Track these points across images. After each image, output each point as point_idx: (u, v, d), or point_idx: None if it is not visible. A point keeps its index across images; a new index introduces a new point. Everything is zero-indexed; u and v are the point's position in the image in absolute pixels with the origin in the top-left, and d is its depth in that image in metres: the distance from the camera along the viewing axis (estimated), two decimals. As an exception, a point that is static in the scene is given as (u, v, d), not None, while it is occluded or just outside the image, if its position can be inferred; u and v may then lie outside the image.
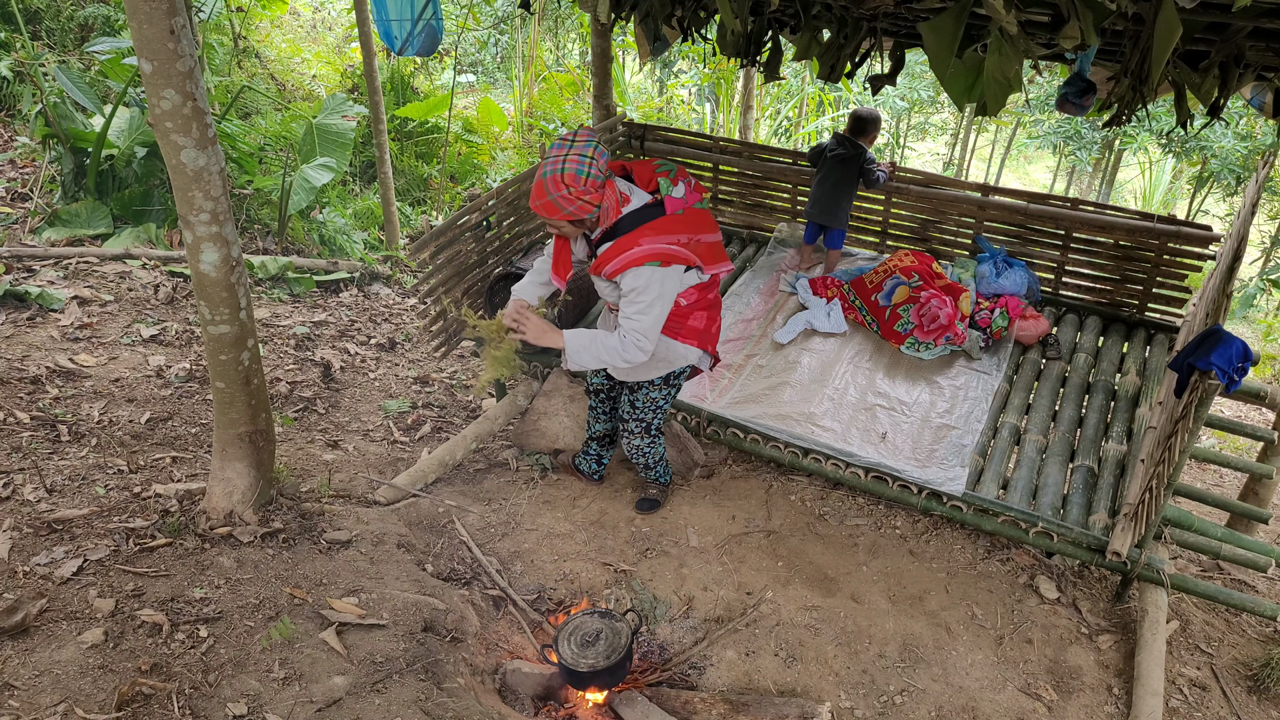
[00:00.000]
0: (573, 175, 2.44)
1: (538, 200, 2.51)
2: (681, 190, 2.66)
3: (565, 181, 2.44)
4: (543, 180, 2.47)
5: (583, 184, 2.44)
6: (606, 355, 2.69)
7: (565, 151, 2.47)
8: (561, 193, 2.45)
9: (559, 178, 2.44)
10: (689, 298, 2.79)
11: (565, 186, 2.44)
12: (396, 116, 7.81)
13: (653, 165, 2.73)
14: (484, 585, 3.22)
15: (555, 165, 2.45)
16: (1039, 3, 2.55)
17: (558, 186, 2.45)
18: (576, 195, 2.46)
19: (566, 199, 2.46)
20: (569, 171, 2.44)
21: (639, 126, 5.12)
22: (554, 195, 2.46)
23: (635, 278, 2.57)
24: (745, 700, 2.71)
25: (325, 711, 2.30)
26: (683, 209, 2.64)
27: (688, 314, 2.84)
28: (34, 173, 5.59)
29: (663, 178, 2.66)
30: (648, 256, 2.54)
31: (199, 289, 2.74)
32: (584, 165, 2.45)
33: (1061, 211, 4.19)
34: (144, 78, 2.39)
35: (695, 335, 2.90)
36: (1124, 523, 3.02)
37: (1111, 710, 2.86)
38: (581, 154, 2.45)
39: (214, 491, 2.98)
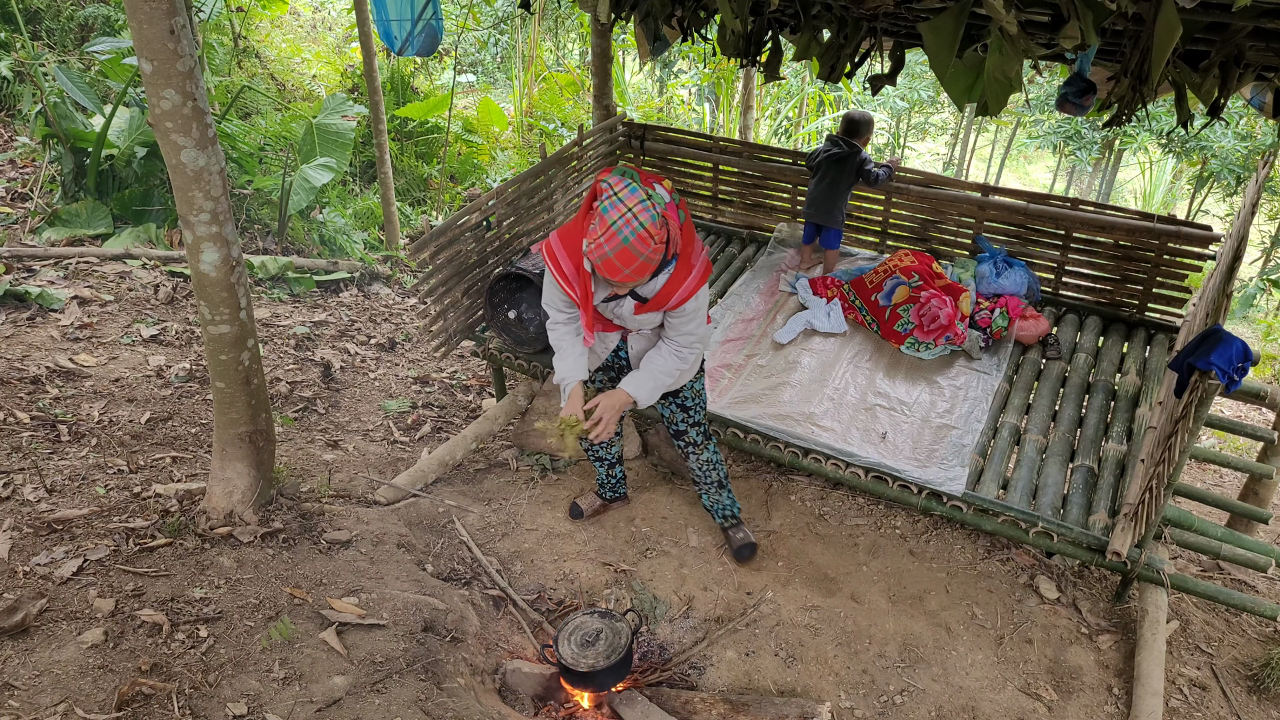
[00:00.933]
0: (653, 224, 2.26)
1: (626, 268, 2.28)
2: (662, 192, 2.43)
3: (651, 234, 2.26)
4: (627, 247, 2.25)
5: (660, 226, 2.28)
6: (671, 379, 2.71)
7: (627, 206, 2.26)
8: (651, 248, 2.27)
9: (644, 235, 2.25)
10: None
11: (652, 238, 2.26)
12: (396, 116, 7.81)
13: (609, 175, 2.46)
14: (484, 585, 3.22)
15: (630, 224, 2.24)
16: (1039, 3, 2.55)
17: (646, 243, 2.26)
18: (660, 241, 2.29)
19: (656, 250, 2.29)
20: (648, 223, 2.25)
21: (639, 126, 5.12)
22: (645, 254, 2.27)
23: (693, 302, 2.55)
24: (745, 700, 2.71)
25: (325, 711, 2.30)
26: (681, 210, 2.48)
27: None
28: (34, 173, 5.59)
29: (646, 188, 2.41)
30: (704, 276, 2.51)
31: (199, 289, 2.74)
32: (650, 209, 2.27)
33: (1061, 211, 4.19)
34: (144, 78, 2.39)
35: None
36: (1124, 523, 3.02)
37: (1111, 710, 2.86)
38: (641, 200, 2.26)
39: (214, 491, 2.99)
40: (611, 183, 2.34)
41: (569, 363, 2.82)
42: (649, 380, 2.71)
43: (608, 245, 2.28)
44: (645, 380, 2.71)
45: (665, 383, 2.72)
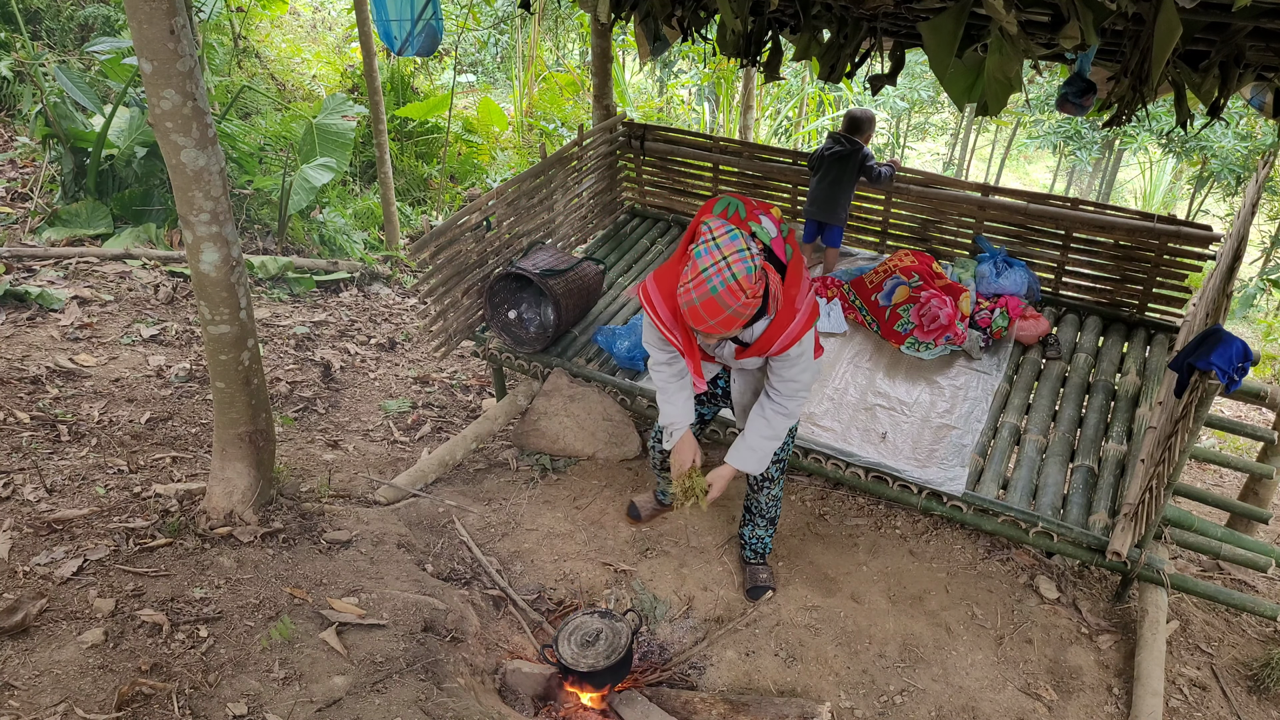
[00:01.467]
0: (746, 276, 2.10)
1: (713, 319, 2.15)
2: (770, 226, 2.35)
3: (743, 286, 2.11)
4: (715, 297, 2.12)
5: (755, 280, 2.12)
6: (778, 441, 2.61)
7: (721, 255, 2.13)
8: (741, 301, 2.12)
9: (734, 287, 2.10)
10: None
11: (744, 291, 2.11)
12: (396, 116, 7.82)
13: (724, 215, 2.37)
14: (484, 585, 3.22)
15: (722, 274, 2.10)
16: (1039, 3, 2.55)
17: (735, 296, 2.11)
18: (754, 295, 2.14)
19: (748, 304, 2.14)
20: (741, 275, 2.10)
21: (639, 126, 5.12)
22: (733, 308, 2.13)
23: (796, 349, 2.39)
24: (745, 700, 2.71)
25: (325, 711, 2.30)
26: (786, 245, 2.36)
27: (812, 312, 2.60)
28: (34, 173, 5.59)
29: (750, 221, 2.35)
30: (809, 320, 2.34)
31: (199, 289, 2.74)
32: (747, 260, 2.12)
33: (1061, 211, 4.19)
34: (144, 78, 2.39)
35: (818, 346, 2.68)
36: (1124, 523, 3.02)
37: (1111, 710, 2.86)
38: (739, 250, 2.13)
39: (214, 491, 2.99)
40: (712, 225, 2.20)
41: (676, 408, 2.69)
42: (755, 449, 2.59)
43: (695, 293, 2.16)
44: (748, 451, 2.60)
45: (772, 447, 2.57)
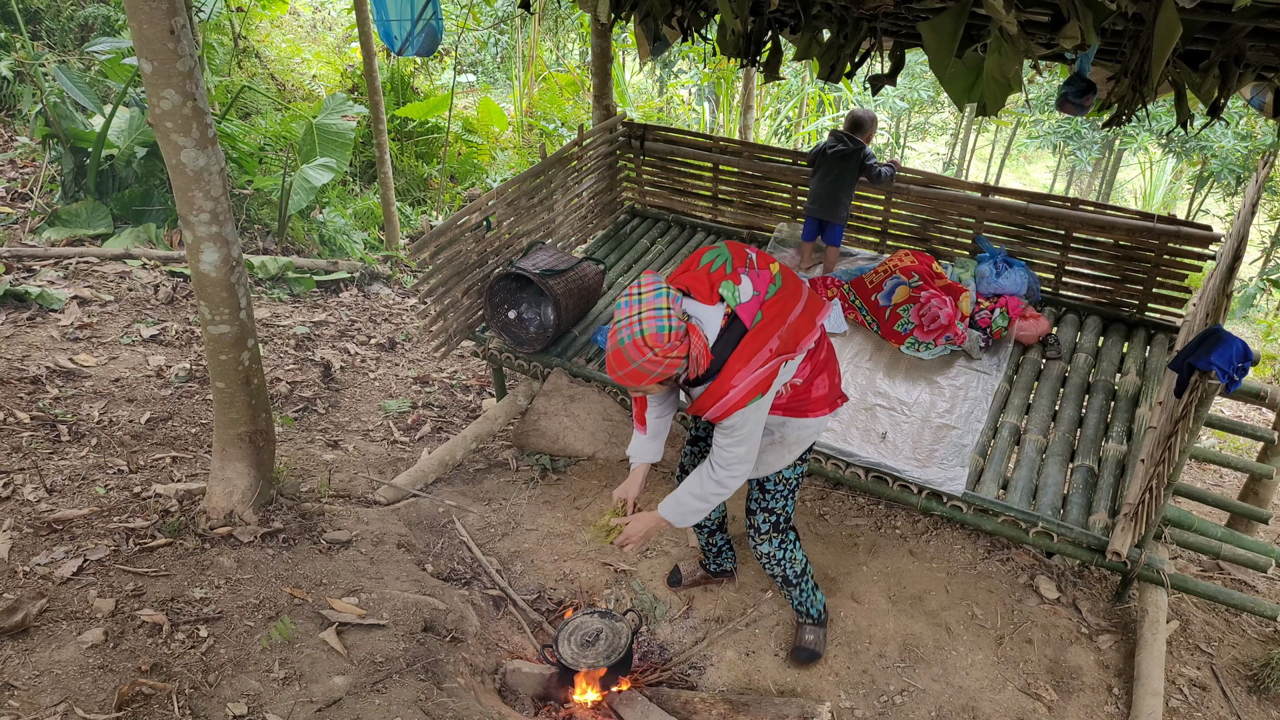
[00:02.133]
0: (654, 335, 2.13)
1: (620, 370, 2.20)
2: (748, 287, 2.32)
3: (648, 344, 2.14)
4: (621, 349, 2.17)
5: (667, 340, 2.14)
6: (704, 505, 2.50)
7: (637, 310, 2.18)
8: (647, 357, 2.15)
9: (639, 343, 2.14)
10: (803, 374, 2.49)
11: (649, 349, 2.14)
12: (396, 116, 7.82)
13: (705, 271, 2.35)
14: (484, 585, 3.22)
15: (632, 328, 2.16)
16: (1039, 3, 2.55)
17: (641, 351, 2.15)
18: (664, 356, 2.15)
19: (654, 361, 2.16)
20: (649, 332, 2.13)
21: (639, 126, 5.12)
22: (639, 362, 2.16)
23: (735, 420, 2.33)
24: (745, 700, 2.71)
25: (325, 711, 2.30)
26: (760, 310, 2.30)
27: (809, 388, 2.53)
28: (34, 173, 5.60)
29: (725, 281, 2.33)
30: (749, 395, 2.27)
31: (199, 289, 2.74)
32: (662, 320, 2.15)
33: (1061, 211, 4.19)
34: (144, 78, 2.39)
35: (824, 402, 2.56)
36: (1124, 523, 3.02)
37: (1111, 710, 2.86)
38: (656, 308, 2.17)
39: (214, 491, 2.99)
40: (643, 280, 2.25)
41: (640, 442, 2.68)
42: (680, 502, 2.53)
43: (609, 343, 2.23)
44: (674, 502, 2.54)
45: (696, 507, 2.50)
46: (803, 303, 2.40)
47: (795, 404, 2.53)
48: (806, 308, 2.40)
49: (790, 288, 2.39)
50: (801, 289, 2.43)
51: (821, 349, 2.54)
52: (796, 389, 2.50)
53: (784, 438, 2.58)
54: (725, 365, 2.28)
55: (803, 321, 2.38)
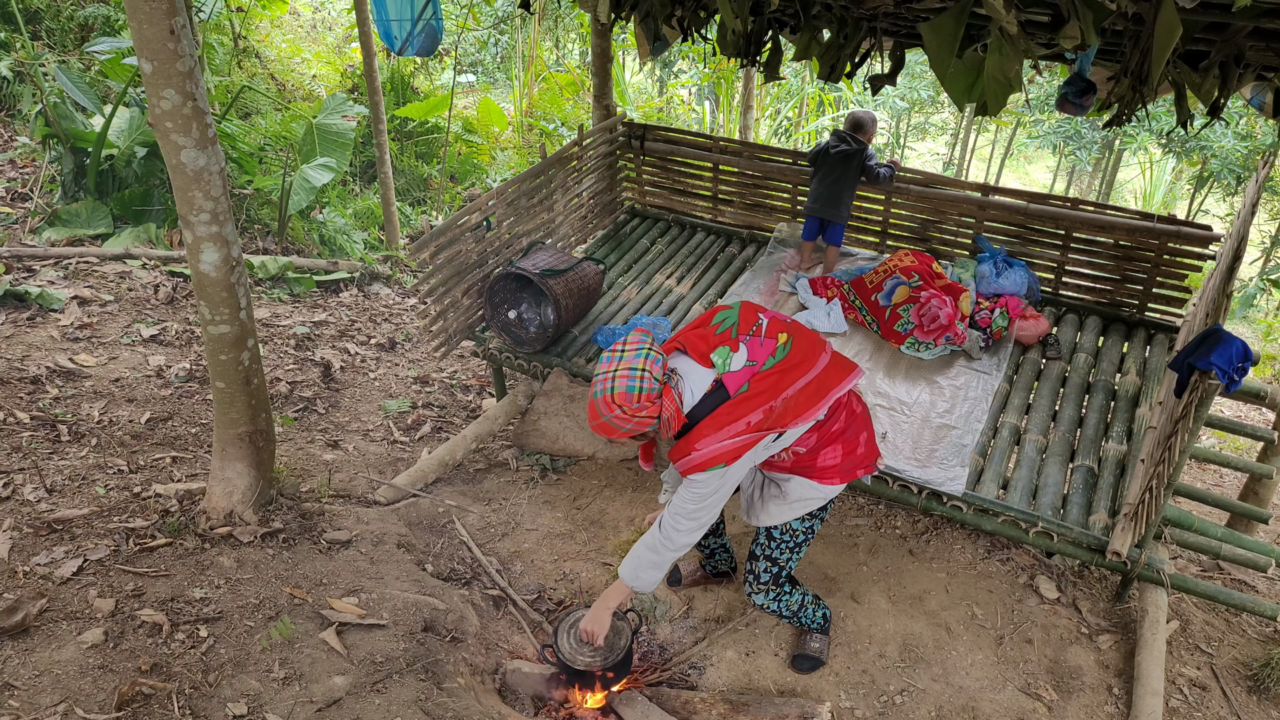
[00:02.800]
0: (624, 394, 2.20)
1: (593, 422, 2.29)
2: (744, 355, 2.33)
3: (617, 401, 2.21)
4: (594, 401, 2.26)
5: (636, 400, 2.20)
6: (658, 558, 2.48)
7: (614, 367, 2.26)
8: (615, 414, 2.23)
9: (609, 399, 2.22)
10: (806, 443, 2.46)
11: (617, 407, 2.21)
12: (396, 116, 7.82)
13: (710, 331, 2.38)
14: (484, 585, 3.22)
15: (605, 384, 2.23)
16: (1039, 3, 2.55)
17: (609, 408, 2.22)
18: (632, 414, 2.22)
19: (621, 418, 2.23)
20: (619, 391, 2.21)
21: (639, 126, 5.12)
22: (608, 417, 2.24)
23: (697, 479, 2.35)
24: (745, 700, 2.71)
25: (325, 711, 2.30)
26: (748, 380, 2.29)
27: (814, 458, 2.49)
28: (34, 173, 5.60)
29: (721, 346, 2.35)
30: (709, 462, 2.28)
31: (199, 289, 2.74)
32: (634, 380, 2.22)
33: (1061, 211, 4.19)
34: (144, 78, 2.39)
35: (835, 472, 2.51)
36: (1124, 523, 3.02)
37: (1111, 710, 2.86)
38: (631, 368, 2.24)
39: (214, 491, 2.99)
40: (629, 338, 2.32)
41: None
42: (634, 558, 2.51)
43: (589, 393, 2.31)
44: (631, 559, 2.52)
45: (649, 560, 2.48)
46: (810, 375, 2.35)
47: (801, 468, 2.51)
48: (815, 381, 2.35)
49: (796, 360, 2.35)
50: (814, 362, 2.38)
51: (835, 421, 2.48)
52: (800, 456, 2.48)
53: (787, 494, 2.55)
54: (694, 428, 2.29)
55: (805, 396, 2.33)
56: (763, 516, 2.62)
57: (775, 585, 2.73)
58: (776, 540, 2.66)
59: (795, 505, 2.56)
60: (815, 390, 2.34)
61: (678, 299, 4.57)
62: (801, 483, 2.52)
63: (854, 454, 2.52)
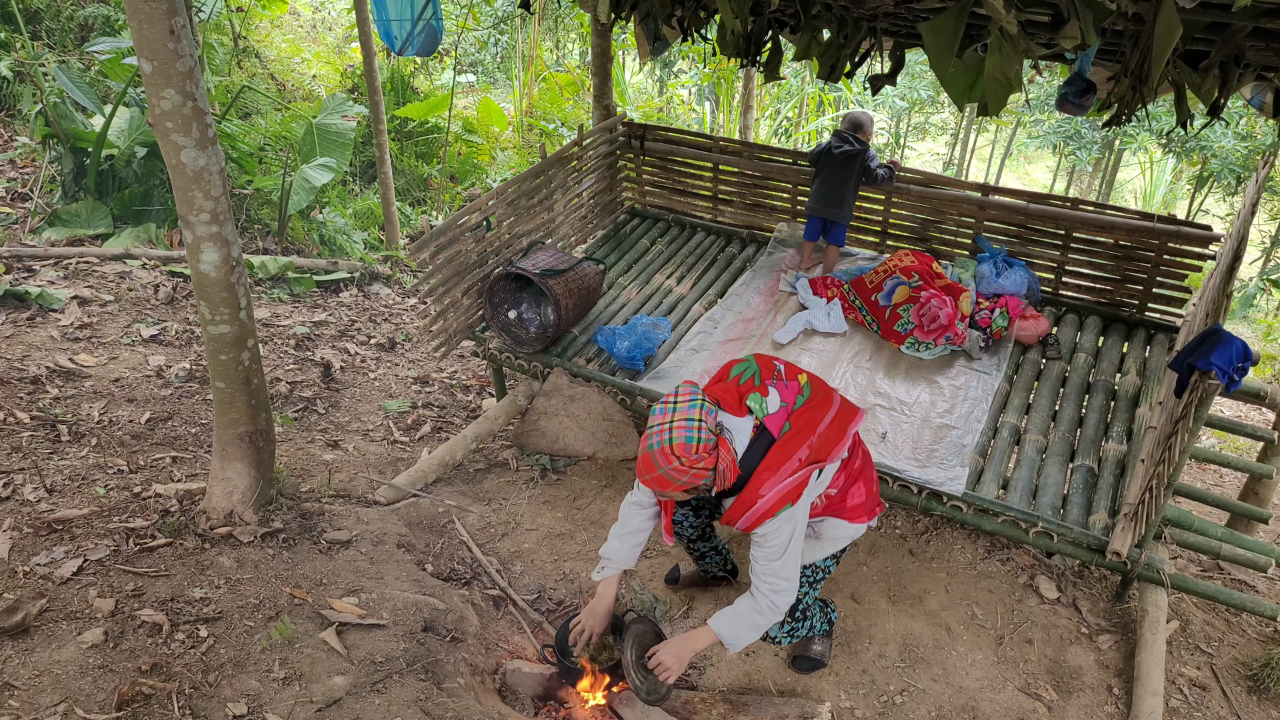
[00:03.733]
0: (682, 445, 2.21)
1: (648, 474, 2.28)
2: (775, 399, 2.38)
3: (675, 453, 2.21)
4: (650, 454, 2.24)
5: (695, 451, 2.21)
6: (754, 631, 2.45)
7: (670, 418, 2.26)
8: (673, 465, 2.22)
9: (667, 450, 2.21)
10: (837, 484, 2.49)
11: (676, 458, 2.21)
12: (396, 116, 7.82)
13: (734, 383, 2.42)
14: (484, 585, 3.22)
15: (662, 435, 2.24)
16: (1039, 3, 2.55)
17: (668, 459, 2.22)
18: (690, 465, 2.22)
19: (679, 470, 2.23)
20: (678, 442, 2.21)
21: (639, 126, 5.12)
22: (665, 469, 2.23)
23: (768, 529, 2.34)
24: (745, 700, 2.71)
25: (325, 711, 2.30)
26: (788, 420, 2.35)
27: (844, 498, 2.53)
28: (34, 173, 5.60)
29: (753, 394, 2.39)
30: (777, 505, 2.29)
31: (199, 289, 2.74)
32: (692, 430, 2.23)
33: (1061, 211, 4.19)
34: (144, 78, 2.39)
35: (862, 510, 2.56)
36: (1124, 523, 3.02)
37: (1111, 710, 2.86)
38: (688, 419, 2.25)
39: (214, 491, 2.98)
40: (680, 390, 2.34)
41: (623, 545, 2.66)
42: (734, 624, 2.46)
43: (641, 446, 2.30)
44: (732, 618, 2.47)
45: (751, 637, 2.47)
46: (833, 412, 2.42)
47: (833, 509, 2.55)
48: (837, 417, 2.42)
49: (819, 398, 2.42)
50: (832, 399, 2.45)
51: (855, 458, 2.54)
52: (832, 499, 2.52)
53: (821, 534, 2.60)
54: (754, 475, 2.32)
55: (833, 431, 2.39)
56: None
57: (790, 619, 2.71)
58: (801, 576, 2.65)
59: (827, 544, 2.62)
60: (839, 426, 2.42)
61: (678, 299, 4.57)
62: (834, 522, 2.57)
63: (872, 492, 2.60)
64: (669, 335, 4.25)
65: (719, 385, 2.46)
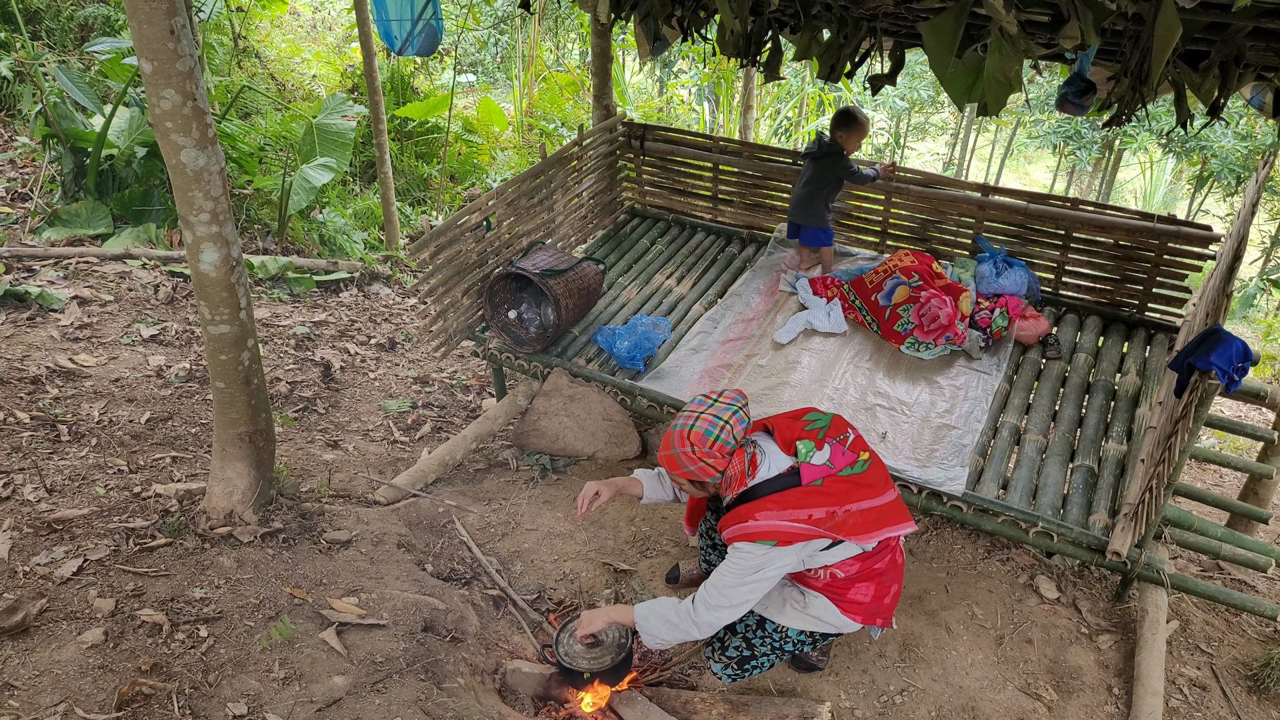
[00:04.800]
0: (700, 435, 2.31)
1: (664, 451, 2.40)
2: (825, 455, 2.41)
3: (691, 440, 2.32)
4: (672, 433, 2.37)
5: (709, 446, 2.31)
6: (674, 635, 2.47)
7: (702, 409, 2.37)
8: (685, 450, 2.33)
9: (685, 434, 2.33)
10: (847, 570, 2.48)
11: (690, 445, 2.32)
12: (396, 116, 7.81)
13: (800, 424, 2.47)
14: (484, 585, 3.22)
15: (688, 420, 2.35)
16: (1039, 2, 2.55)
17: (683, 443, 2.34)
18: (700, 456, 2.32)
19: (689, 457, 2.33)
20: (697, 430, 2.32)
21: (639, 126, 5.12)
22: (677, 450, 2.35)
23: (743, 550, 2.36)
24: (745, 700, 2.71)
25: (325, 711, 2.30)
26: (823, 478, 2.36)
27: (848, 586, 2.51)
28: (34, 173, 5.60)
29: (807, 439, 2.42)
30: (762, 534, 2.31)
31: (199, 289, 2.74)
32: (714, 427, 2.32)
33: (1061, 211, 4.19)
34: (144, 78, 2.39)
35: (861, 609, 2.54)
36: (1124, 523, 3.02)
37: (1111, 710, 2.86)
38: (716, 416, 2.34)
39: (214, 491, 2.99)
40: (724, 394, 2.42)
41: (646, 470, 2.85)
42: (653, 617, 2.50)
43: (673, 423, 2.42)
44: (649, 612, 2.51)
45: (662, 633, 2.48)
46: (876, 502, 2.41)
47: (831, 592, 2.53)
48: (878, 510, 2.40)
49: (869, 483, 2.42)
50: (883, 492, 2.44)
51: (880, 560, 2.51)
52: (835, 580, 2.50)
53: (807, 606, 2.57)
54: (760, 499, 2.35)
55: (865, 518, 2.38)
56: (771, 610, 2.59)
57: (738, 667, 2.67)
58: (766, 634, 2.62)
59: (808, 620, 2.57)
60: (876, 518, 2.41)
61: (678, 299, 4.57)
62: (826, 604, 2.55)
63: (881, 601, 2.56)
64: (669, 335, 4.25)
65: (786, 417, 2.51)
